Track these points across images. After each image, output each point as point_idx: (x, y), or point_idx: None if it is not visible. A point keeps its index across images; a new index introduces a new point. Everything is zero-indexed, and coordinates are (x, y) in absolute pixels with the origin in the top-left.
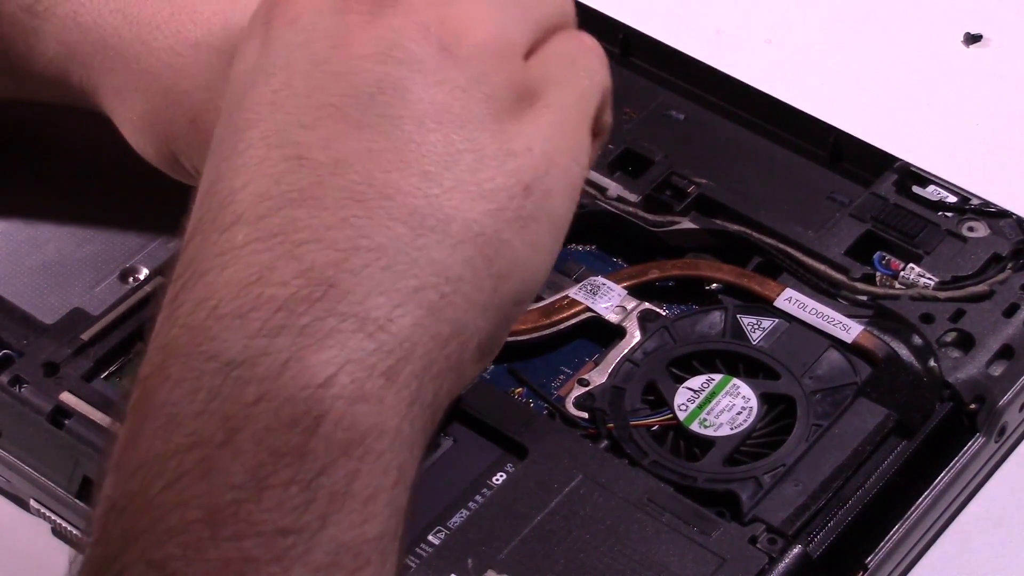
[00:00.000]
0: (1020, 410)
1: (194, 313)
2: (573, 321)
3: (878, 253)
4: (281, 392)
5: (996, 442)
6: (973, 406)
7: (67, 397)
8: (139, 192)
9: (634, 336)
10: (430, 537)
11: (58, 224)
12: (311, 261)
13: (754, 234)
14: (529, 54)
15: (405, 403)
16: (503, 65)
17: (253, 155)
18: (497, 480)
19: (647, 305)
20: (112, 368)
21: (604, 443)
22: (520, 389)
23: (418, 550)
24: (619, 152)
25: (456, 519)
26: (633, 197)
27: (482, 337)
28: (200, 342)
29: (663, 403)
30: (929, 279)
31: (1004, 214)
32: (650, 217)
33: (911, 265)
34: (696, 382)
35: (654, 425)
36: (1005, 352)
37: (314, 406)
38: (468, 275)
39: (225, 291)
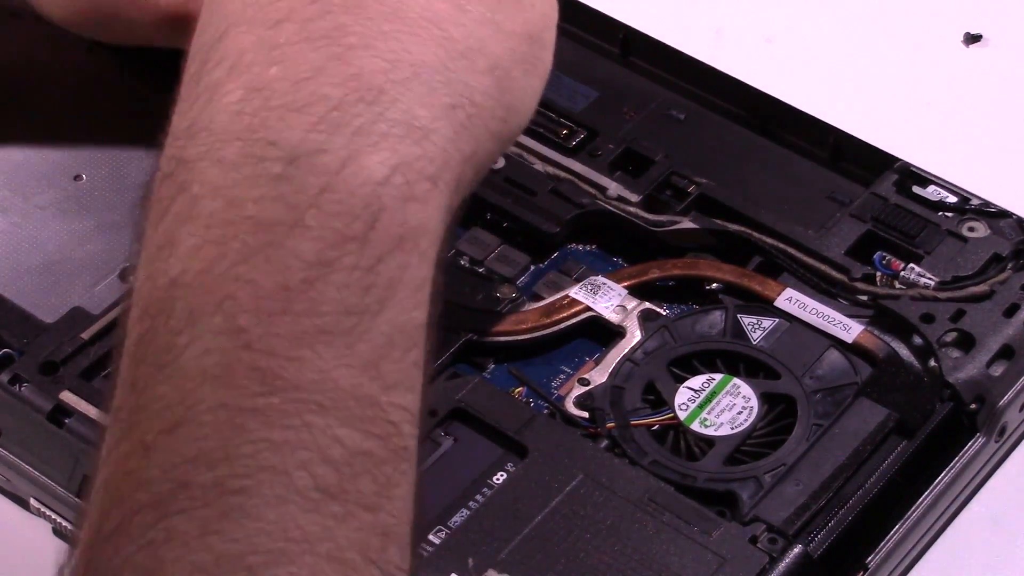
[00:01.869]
0: (1020, 410)
1: (244, 101)
2: (573, 321)
3: (878, 253)
4: (343, 185)
5: (996, 442)
6: (973, 406)
7: (67, 396)
8: (139, 189)
9: (634, 336)
10: (431, 537)
11: (59, 222)
12: (360, 66)
13: (754, 234)
14: None
15: (443, 206)
16: None
17: None
18: (497, 480)
19: (647, 305)
20: (112, 367)
21: (604, 443)
22: (520, 389)
23: (418, 550)
24: (619, 152)
25: (456, 519)
26: (633, 197)
27: (485, 161)
28: (255, 129)
29: (663, 403)
30: (929, 279)
31: (1004, 214)
32: (650, 217)
33: (911, 265)
34: (696, 382)
35: (654, 425)
36: (1005, 352)
37: (374, 201)
38: (488, 103)
39: (277, 84)
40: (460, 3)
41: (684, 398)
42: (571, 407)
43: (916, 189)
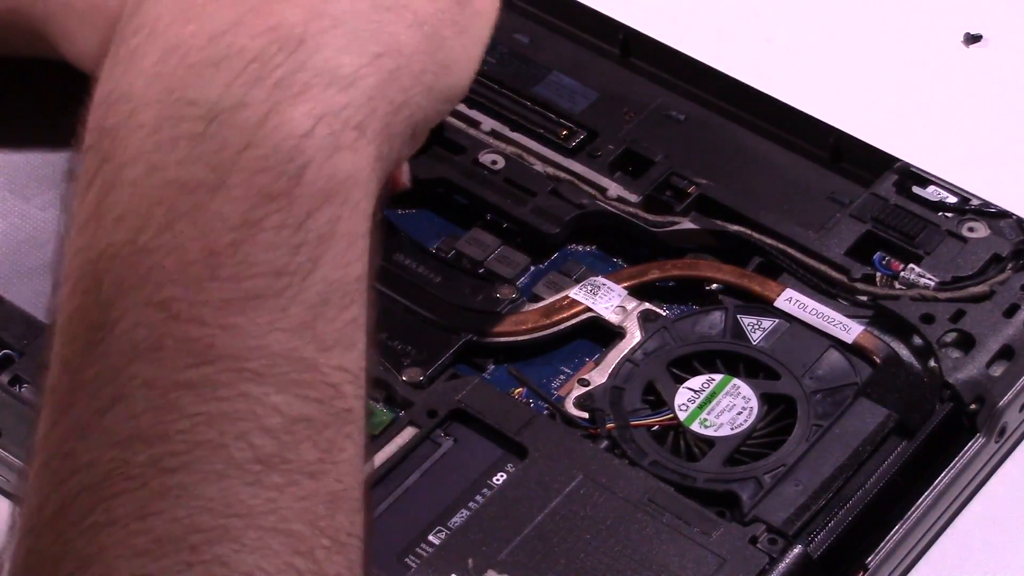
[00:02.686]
0: (1020, 410)
1: (160, 62)
2: (573, 321)
3: (878, 253)
4: (266, 141)
5: (996, 442)
6: (973, 406)
7: None
8: None
9: (634, 336)
10: (430, 537)
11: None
12: (280, 17)
13: (754, 234)
14: None
15: (373, 156)
16: None
17: None
18: (497, 480)
19: (647, 305)
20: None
21: (604, 443)
22: (520, 389)
23: (418, 550)
24: (619, 152)
25: (456, 519)
26: (633, 197)
27: (419, 117)
28: (173, 89)
29: (663, 403)
30: (929, 279)
31: (1004, 214)
32: (650, 217)
33: (911, 265)
34: (696, 382)
35: (654, 425)
36: (1005, 352)
37: (298, 155)
38: (417, 56)
39: (193, 41)
40: None
41: (684, 399)
42: (571, 408)
43: (916, 189)
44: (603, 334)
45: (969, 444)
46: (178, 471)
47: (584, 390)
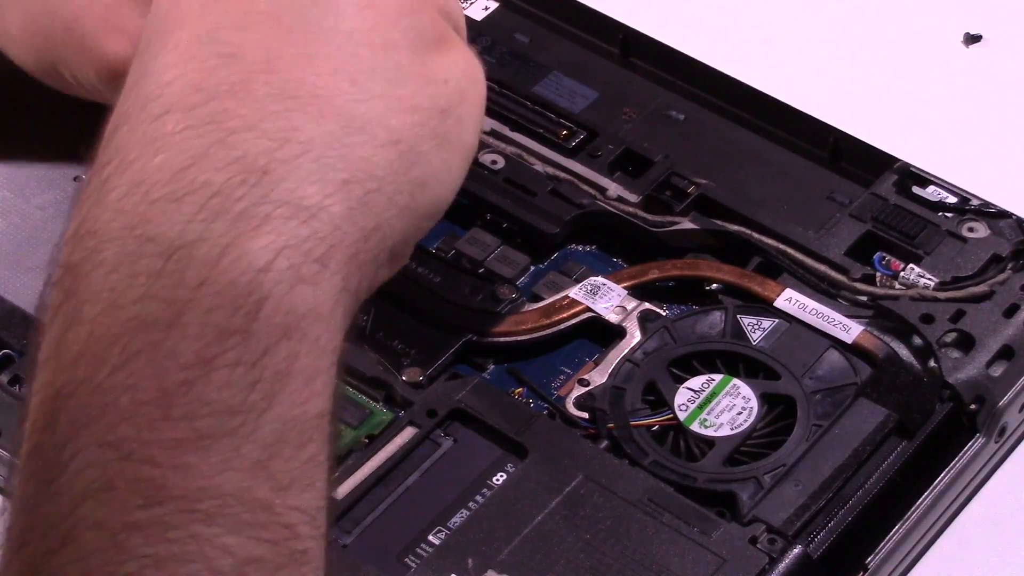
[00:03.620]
0: (1020, 410)
1: (126, 197)
2: (573, 321)
3: (878, 253)
4: (223, 276)
5: (996, 442)
6: (973, 406)
7: None
8: None
9: (634, 336)
10: (430, 537)
11: (59, 222)
12: (244, 149)
13: (754, 234)
14: None
15: (337, 289)
16: (428, 7)
17: (184, 51)
18: (497, 480)
19: (647, 305)
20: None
21: (604, 443)
22: (520, 389)
23: (418, 550)
24: (619, 152)
25: (456, 519)
26: (633, 197)
27: (397, 239)
28: (135, 226)
29: (663, 403)
30: (929, 279)
31: (1004, 214)
32: (650, 217)
33: (911, 265)
34: (696, 382)
35: (654, 425)
36: (1005, 352)
37: (255, 289)
38: (390, 177)
39: (158, 176)
40: (355, 79)
41: (684, 399)
42: (571, 408)
43: (916, 189)
44: (603, 334)
45: (969, 444)
46: None
47: (584, 390)
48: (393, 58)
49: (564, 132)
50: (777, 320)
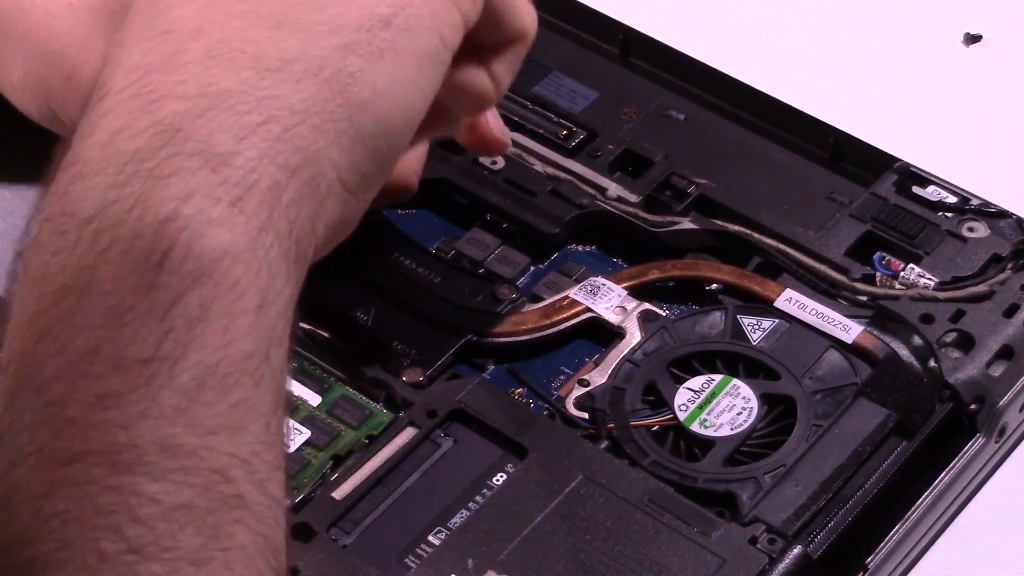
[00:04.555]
0: (1020, 410)
1: (59, 180)
2: (573, 321)
3: (878, 253)
4: (129, 233)
5: (996, 442)
6: (973, 406)
7: None
8: None
9: (634, 336)
10: (430, 537)
11: None
12: (162, 114)
13: (754, 234)
14: None
15: (255, 229)
16: None
17: (131, 35)
18: (497, 480)
19: (647, 305)
20: None
21: (604, 443)
22: (520, 389)
23: (418, 550)
24: (619, 152)
25: (456, 519)
26: (633, 197)
27: (342, 168)
28: (63, 204)
29: (663, 403)
30: (929, 279)
31: (1004, 214)
32: (650, 217)
33: (911, 265)
34: (696, 382)
35: (654, 425)
36: (1005, 352)
37: (161, 240)
38: (315, 108)
39: (87, 154)
40: (280, 20)
41: (684, 399)
42: (571, 408)
43: (916, 189)
44: (603, 334)
45: (969, 444)
46: (54, 568)
47: (584, 390)
48: None
49: (564, 132)
50: (777, 320)
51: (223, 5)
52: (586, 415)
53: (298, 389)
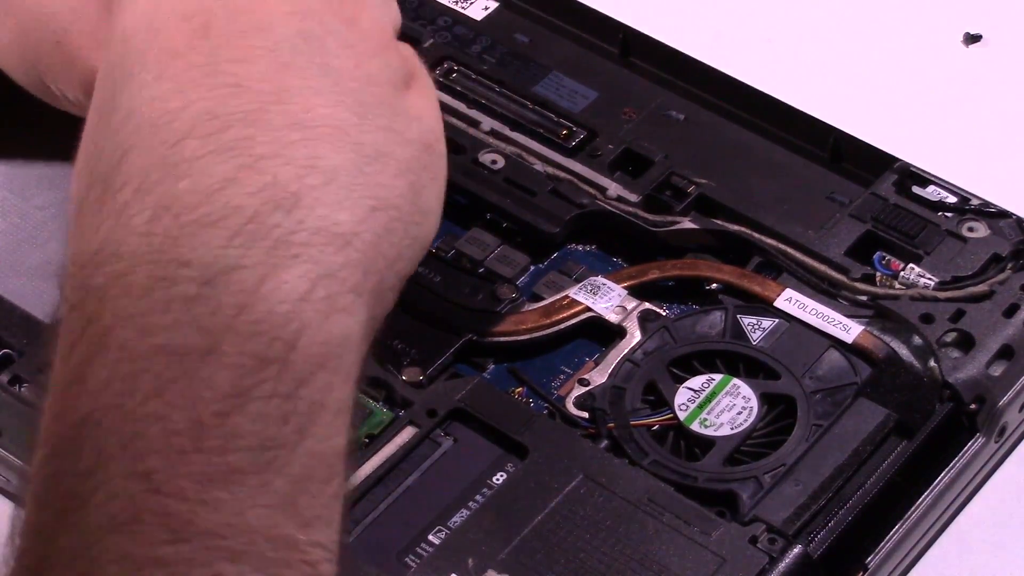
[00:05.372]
0: (1020, 410)
1: (153, 221)
2: (573, 321)
3: (878, 253)
4: (262, 304)
5: (996, 442)
6: (973, 406)
7: None
8: None
9: (634, 336)
10: (430, 537)
11: (59, 222)
12: (274, 174)
13: (754, 234)
14: None
15: (367, 317)
16: (393, 44)
17: (184, 80)
18: (497, 480)
19: (647, 305)
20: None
21: (604, 443)
22: (520, 389)
23: (418, 550)
24: (619, 152)
25: (456, 519)
26: (633, 197)
27: (406, 268)
28: (166, 249)
29: (663, 403)
30: (929, 279)
31: (1004, 214)
32: (650, 217)
33: (911, 265)
34: (696, 382)
35: (654, 425)
36: (1005, 352)
37: (294, 319)
38: (406, 206)
39: (188, 199)
40: (361, 112)
41: (684, 398)
42: (571, 407)
43: (916, 189)
44: (603, 334)
45: (969, 444)
46: None
47: (584, 390)
48: (381, 94)
49: (564, 132)
50: (777, 320)
51: (293, 75)
52: (586, 415)
53: None
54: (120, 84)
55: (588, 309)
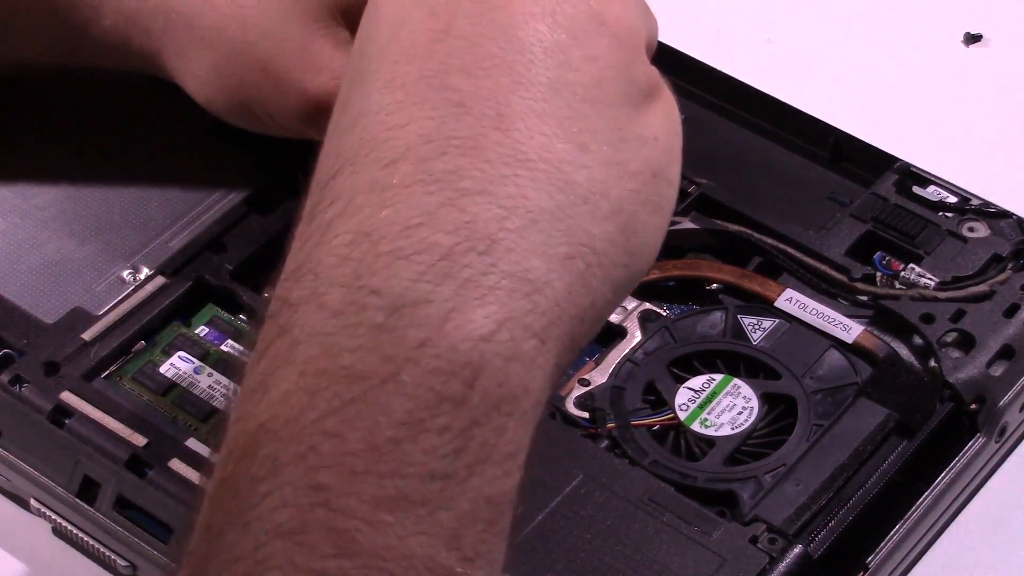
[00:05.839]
0: (1020, 410)
1: (352, 245)
2: None
3: (878, 253)
4: (444, 340)
5: (996, 442)
6: (973, 406)
7: (68, 396)
8: (138, 190)
9: (635, 336)
10: None
11: (59, 222)
12: (474, 213)
13: (754, 234)
14: None
15: (551, 366)
16: (641, 56)
17: (412, 92)
18: None
19: (648, 305)
20: (113, 368)
21: (605, 443)
22: None
23: None
24: None
25: None
26: None
27: (605, 313)
28: (360, 275)
29: (664, 403)
30: (929, 279)
31: (1004, 214)
32: None
33: (911, 265)
34: (697, 382)
35: (655, 425)
36: (1005, 352)
37: (474, 358)
38: (610, 251)
39: (387, 229)
40: (583, 143)
41: (684, 398)
42: (571, 407)
43: (916, 189)
44: (603, 334)
45: (969, 444)
46: None
47: (584, 390)
48: (613, 117)
49: None
50: (777, 320)
51: (522, 95)
52: (586, 414)
53: None
54: (355, 82)
55: None
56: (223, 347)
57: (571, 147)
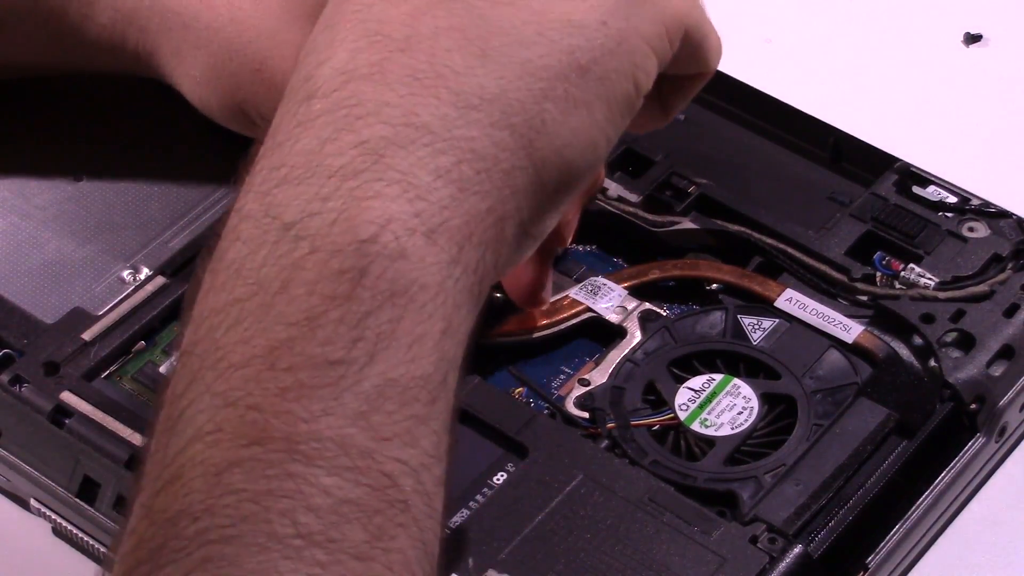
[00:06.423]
0: (1020, 410)
1: (265, 181)
2: (574, 321)
3: (878, 253)
4: (330, 245)
5: (996, 442)
6: (973, 406)
7: (68, 396)
8: (138, 190)
9: (635, 336)
10: None
11: (59, 222)
12: (367, 134)
13: (754, 234)
14: None
15: (445, 263)
16: None
17: (340, 29)
18: (497, 480)
19: (647, 305)
20: (113, 368)
21: (605, 443)
22: (520, 389)
23: None
24: (619, 152)
25: (456, 519)
26: (633, 197)
27: (523, 217)
28: (267, 207)
29: (664, 403)
30: (929, 279)
31: (1004, 214)
32: (650, 217)
33: (911, 265)
34: (697, 382)
35: (655, 425)
36: (1005, 352)
37: (360, 259)
38: (505, 156)
39: (293, 160)
40: (483, 49)
41: (684, 398)
42: (571, 407)
43: (916, 189)
44: (603, 334)
45: (969, 444)
46: (221, 543)
47: (584, 390)
48: (528, 8)
49: None
50: (777, 320)
51: (434, 16)
52: (586, 414)
53: None
54: (313, 31)
55: (588, 309)
56: None
57: (470, 57)
